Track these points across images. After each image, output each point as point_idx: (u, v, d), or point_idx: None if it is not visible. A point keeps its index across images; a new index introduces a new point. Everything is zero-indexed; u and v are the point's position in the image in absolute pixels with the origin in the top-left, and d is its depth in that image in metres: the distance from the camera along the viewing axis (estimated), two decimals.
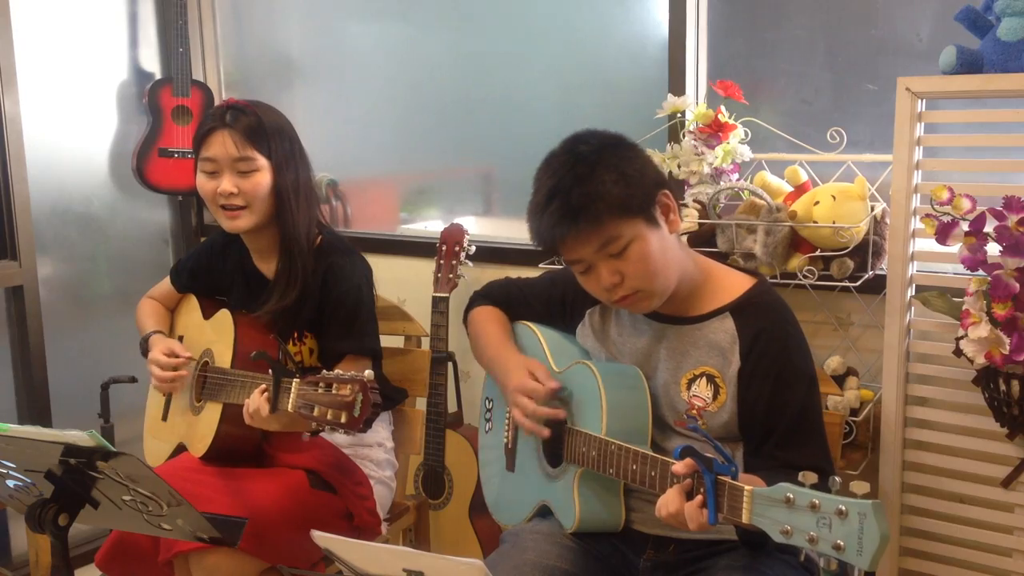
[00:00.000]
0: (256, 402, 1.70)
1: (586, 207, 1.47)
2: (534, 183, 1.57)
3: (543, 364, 1.70)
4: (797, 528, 1.17)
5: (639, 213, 1.50)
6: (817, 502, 1.15)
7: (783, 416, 1.53)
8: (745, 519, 1.24)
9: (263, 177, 1.92)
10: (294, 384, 1.61)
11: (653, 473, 1.44)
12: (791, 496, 1.18)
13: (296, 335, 2.00)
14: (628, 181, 1.49)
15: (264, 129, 1.92)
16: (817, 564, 1.54)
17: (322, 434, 1.81)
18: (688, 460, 1.32)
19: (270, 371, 1.67)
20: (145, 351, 2.10)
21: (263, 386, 1.70)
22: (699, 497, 1.30)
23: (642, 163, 1.55)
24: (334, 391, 1.55)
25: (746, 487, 1.24)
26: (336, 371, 1.57)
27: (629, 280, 1.51)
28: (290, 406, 1.61)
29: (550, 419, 1.63)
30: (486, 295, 1.92)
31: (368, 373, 1.54)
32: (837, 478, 1.17)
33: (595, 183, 1.48)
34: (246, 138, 1.90)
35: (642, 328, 1.65)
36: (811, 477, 1.20)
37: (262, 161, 1.92)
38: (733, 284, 1.62)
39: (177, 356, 2.01)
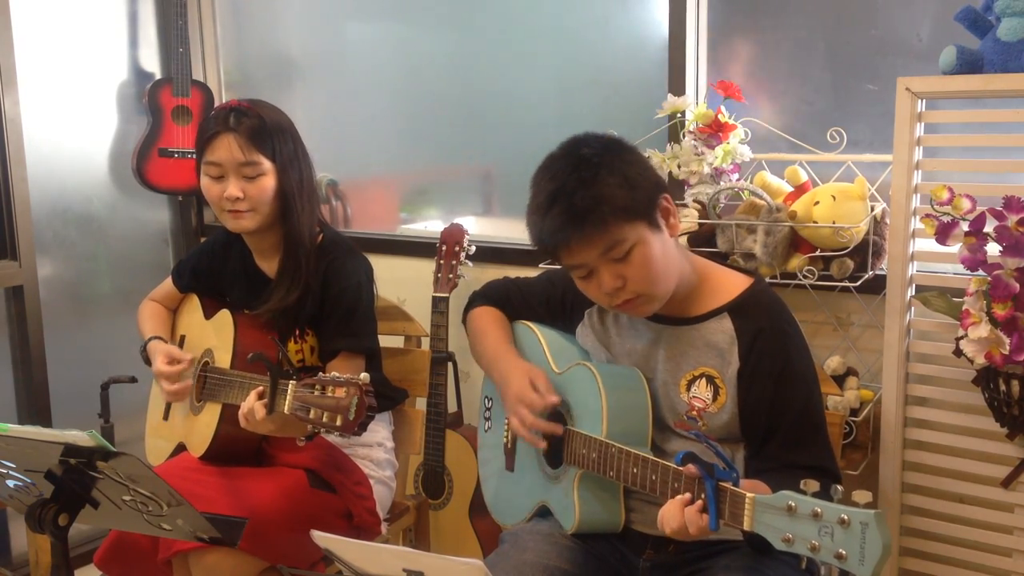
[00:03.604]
0: (250, 405, 1.70)
1: (591, 210, 1.46)
2: (532, 186, 1.56)
3: (544, 372, 1.68)
4: (799, 536, 1.17)
5: (643, 217, 1.49)
6: (819, 511, 1.15)
7: (785, 416, 1.52)
8: (747, 526, 1.24)
9: (268, 181, 1.92)
10: (290, 386, 1.61)
11: (654, 477, 1.44)
12: (793, 504, 1.18)
13: (298, 333, 2.01)
14: (632, 184, 1.48)
15: (267, 131, 1.92)
16: (818, 569, 1.54)
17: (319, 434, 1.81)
18: (690, 466, 1.31)
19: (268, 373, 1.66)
20: (145, 356, 2.10)
21: (259, 389, 1.70)
22: (699, 502, 1.30)
23: (643, 166, 1.54)
24: (330, 393, 1.55)
25: (747, 494, 1.24)
26: (332, 373, 1.57)
27: (631, 284, 1.51)
28: (286, 408, 1.61)
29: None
30: (485, 295, 1.92)
31: (364, 376, 1.54)
32: (839, 486, 1.17)
33: (599, 186, 1.46)
34: (251, 142, 1.89)
35: (640, 329, 1.65)
36: (813, 485, 1.19)
37: (267, 164, 1.92)
38: (730, 284, 1.61)
39: (178, 361, 2.01)
